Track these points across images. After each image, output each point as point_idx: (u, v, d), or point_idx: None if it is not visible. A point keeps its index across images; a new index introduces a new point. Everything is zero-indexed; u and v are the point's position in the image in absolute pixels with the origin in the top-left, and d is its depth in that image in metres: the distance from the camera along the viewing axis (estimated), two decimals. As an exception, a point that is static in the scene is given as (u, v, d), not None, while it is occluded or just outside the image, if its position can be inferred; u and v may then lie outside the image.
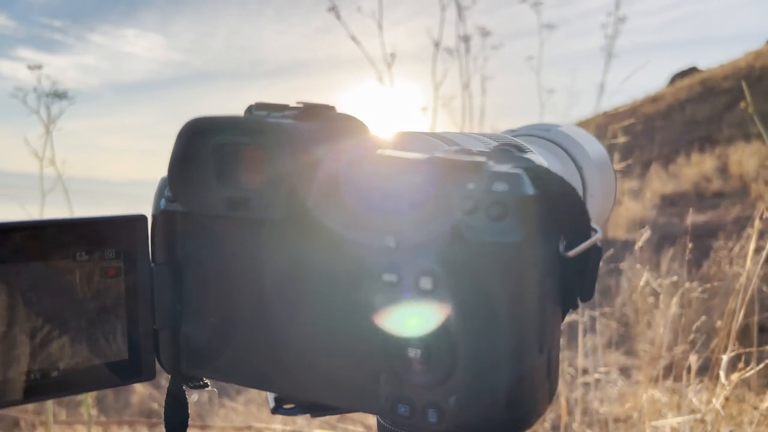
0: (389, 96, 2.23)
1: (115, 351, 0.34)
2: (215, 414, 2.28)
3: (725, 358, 0.96)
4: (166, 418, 0.38)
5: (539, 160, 0.46)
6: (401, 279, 0.29)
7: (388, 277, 0.29)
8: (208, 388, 0.38)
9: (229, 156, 0.31)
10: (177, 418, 0.38)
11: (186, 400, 0.38)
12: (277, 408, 0.35)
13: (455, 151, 0.30)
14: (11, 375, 0.31)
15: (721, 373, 0.93)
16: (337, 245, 0.30)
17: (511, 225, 0.27)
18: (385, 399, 0.30)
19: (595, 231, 0.29)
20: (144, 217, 0.35)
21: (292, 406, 0.35)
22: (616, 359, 2.09)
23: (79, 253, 0.33)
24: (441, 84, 2.40)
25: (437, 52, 2.38)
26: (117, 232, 0.34)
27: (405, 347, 0.29)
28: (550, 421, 1.48)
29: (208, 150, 0.31)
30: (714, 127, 7.25)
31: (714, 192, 5.12)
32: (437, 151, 0.30)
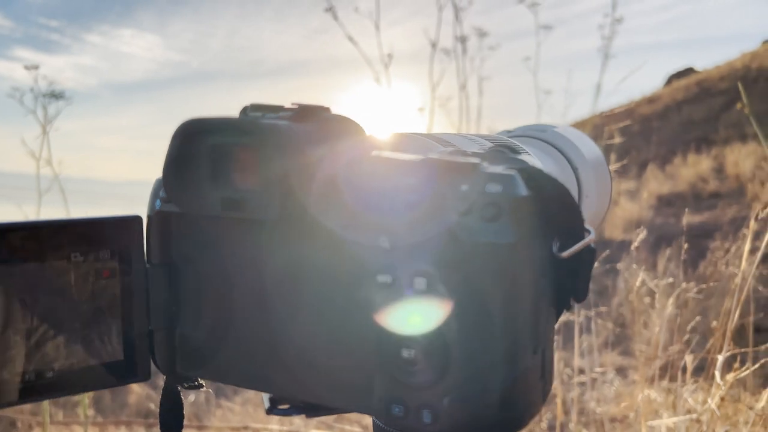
0: (386, 96, 2.23)
1: (111, 352, 0.34)
2: (212, 414, 2.27)
3: (720, 358, 0.96)
4: (161, 418, 0.38)
5: (533, 161, 0.46)
6: (396, 280, 0.29)
7: (382, 278, 0.29)
8: (203, 388, 0.38)
9: (224, 157, 0.31)
10: (172, 418, 0.38)
11: (181, 400, 0.38)
12: (272, 408, 0.35)
13: (450, 153, 0.30)
14: (6, 376, 0.31)
15: (717, 373, 0.93)
16: (332, 246, 0.30)
17: (505, 226, 0.27)
18: (380, 399, 0.30)
19: (589, 232, 0.29)
20: (139, 218, 0.35)
21: (287, 406, 0.35)
22: (612, 359, 2.10)
23: (74, 254, 0.33)
24: (438, 84, 2.40)
25: (434, 52, 2.38)
26: (112, 232, 0.34)
27: (399, 348, 0.29)
28: (546, 421, 1.49)
29: (202, 151, 0.31)
30: (710, 128, 7.26)
31: (710, 192, 5.13)
32: (432, 153, 0.30)
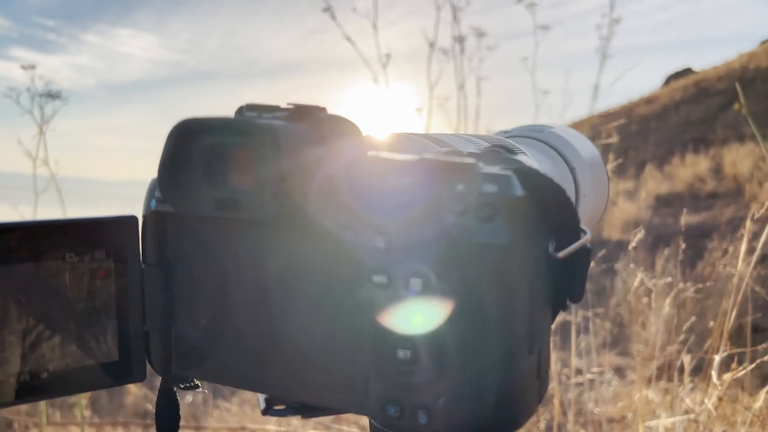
0: (384, 96, 2.23)
1: (106, 352, 0.34)
2: (209, 415, 2.27)
3: (717, 358, 0.96)
4: (157, 419, 0.38)
5: (529, 161, 0.46)
6: (392, 280, 0.29)
7: (378, 279, 0.29)
8: (199, 389, 0.38)
9: (219, 157, 0.31)
10: (169, 419, 0.38)
11: (177, 401, 0.38)
12: (268, 409, 0.35)
13: (445, 153, 0.30)
14: (1, 377, 0.31)
15: (713, 373, 0.93)
16: (328, 247, 0.30)
17: (501, 226, 0.27)
18: (376, 400, 0.30)
19: (585, 232, 0.29)
20: (134, 218, 0.35)
21: (282, 407, 0.35)
22: (610, 360, 2.10)
23: (69, 254, 0.33)
24: (436, 84, 2.40)
25: (432, 52, 2.38)
26: (107, 233, 0.34)
27: (395, 348, 0.29)
28: (544, 422, 1.49)
29: (197, 151, 0.31)
30: (708, 128, 7.27)
31: (708, 193, 5.14)
32: (428, 153, 0.30)
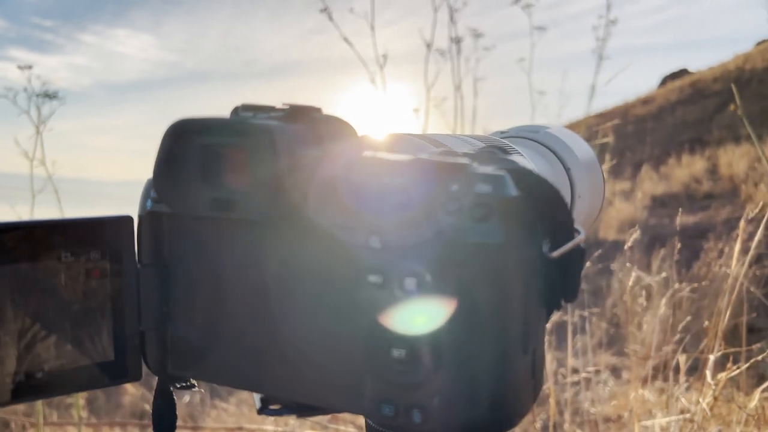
0: (381, 97, 2.24)
1: (101, 352, 0.34)
2: (207, 415, 2.27)
3: (712, 358, 0.97)
4: (154, 419, 0.38)
5: (524, 161, 0.47)
6: (386, 280, 0.29)
7: (373, 278, 0.29)
8: (195, 388, 0.38)
9: (214, 157, 0.31)
10: (165, 419, 0.38)
11: (174, 401, 0.38)
12: (263, 408, 0.35)
13: (440, 153, 0.30)
14: (-4, 377, 0.31)
15: (707, 373, 0.94)
16: (323, 246, 0.30)
17: (495, 226, 0.28)
18: (371, 399, 0.30)
19: (579, 232, 0.30)
20: (130, 218, 0.35)
21: (278, 406, 0.35)
22: (606, 359, 2.10)
23: (65, 254, 0.33)
24: (433, 85, 2.41)
25: (429, 53, 2.38)
26: (102, 233, 0.34)
27: (390, 348, 0.29)
28: (540, 421, 1.49)
29: (193, 151, 0.31)
30: (704, 129, 7.29)
31: (704, 193, 5.15)
32: (422, 153, 0.30)
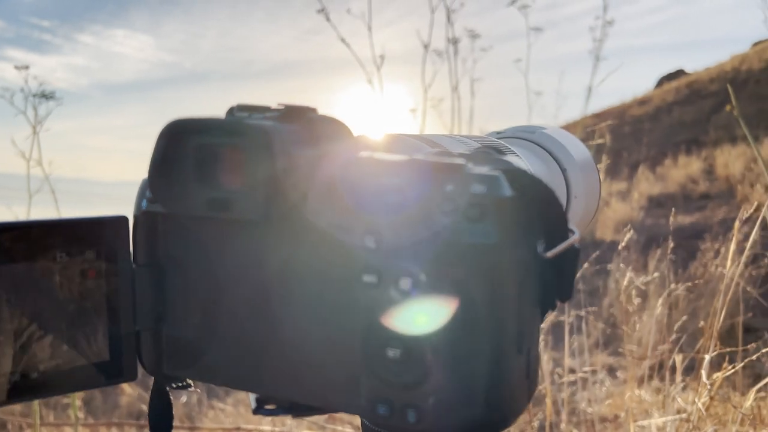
0: (379, 97, 2.24)
1: (96, 352, 0.34)
2: (204, 415, 2.27)
3: (707, 358, 0.97)
4: (150, 419, 0.38)
5: (519, 162, 0.47)
6: (381, 280, 0.29)
7: (368, 278, 0.29)
8: (191, 388, 0.38)
9: (210, 157, 0.31)
10: (162, 419, 0.38)
11: (170, 401, 0.38)
12: (259, 408, 0.35)
13: (435, 153, 0.30)
14: (-8, 376, 0.31)
15: (703, 373, 0.94)
16: (318, 246, 0.31)
17: (490, 226, 0.28)
18: (366, 399, 0.30)
19: (573, 232, 0.30)
20: (125, 218, 0.35)
21: (273, 406, 0.35)
22: (602, 359, 2.10)
23: (60, 255, 0.33)
24: (430, 86, 2.41)
25: (426, 54, 2.38)
26: (98, 233, 0.34)
27: (385, 347, 0.29)
28: (537, 421, 1.49)
29: (188, 151, 0.31)
30: (701, 130, 7.31)
31: (701, 194, 5.17)
32: (417, 153, 0.30)
